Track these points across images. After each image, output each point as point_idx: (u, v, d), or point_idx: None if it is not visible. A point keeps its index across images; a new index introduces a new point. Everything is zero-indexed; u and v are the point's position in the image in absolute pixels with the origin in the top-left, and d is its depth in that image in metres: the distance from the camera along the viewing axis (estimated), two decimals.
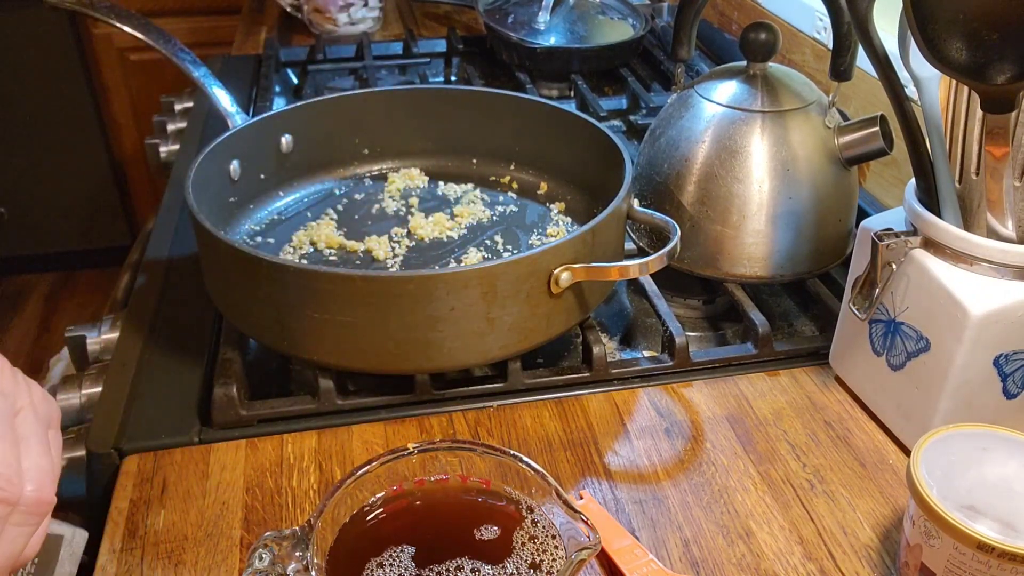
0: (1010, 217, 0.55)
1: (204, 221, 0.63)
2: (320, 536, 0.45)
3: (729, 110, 0.73)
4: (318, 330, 0.61)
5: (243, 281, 0.62)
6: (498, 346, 0.63)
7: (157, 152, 1.11)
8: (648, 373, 0.69)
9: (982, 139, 0.54)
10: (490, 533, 0.47)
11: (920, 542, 0.48)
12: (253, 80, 1.23)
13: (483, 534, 0.47)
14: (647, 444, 0.63)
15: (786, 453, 0.62)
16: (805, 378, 0.69)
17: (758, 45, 0.74)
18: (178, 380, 0.67)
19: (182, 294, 0.76)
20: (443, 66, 1.31)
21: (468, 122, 0.86)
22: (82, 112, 2.22)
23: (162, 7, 2.04)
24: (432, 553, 0.46)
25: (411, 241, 0.77)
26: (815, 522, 0.57)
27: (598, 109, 1.09)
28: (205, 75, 0.82)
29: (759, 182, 0.72)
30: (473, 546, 0.47)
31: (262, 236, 0.78)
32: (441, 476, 0.50)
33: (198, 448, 0.62)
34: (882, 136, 0.71)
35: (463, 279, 0.59)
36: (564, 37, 1.21)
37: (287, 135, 0.82)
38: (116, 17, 0.81)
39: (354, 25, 1.41)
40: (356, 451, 0.62)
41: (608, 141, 0.75)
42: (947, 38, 0.49)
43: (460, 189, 0.85)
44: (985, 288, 0.55)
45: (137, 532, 0.55)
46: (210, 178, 0.72)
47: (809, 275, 0.76)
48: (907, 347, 0.59)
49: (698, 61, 1.26)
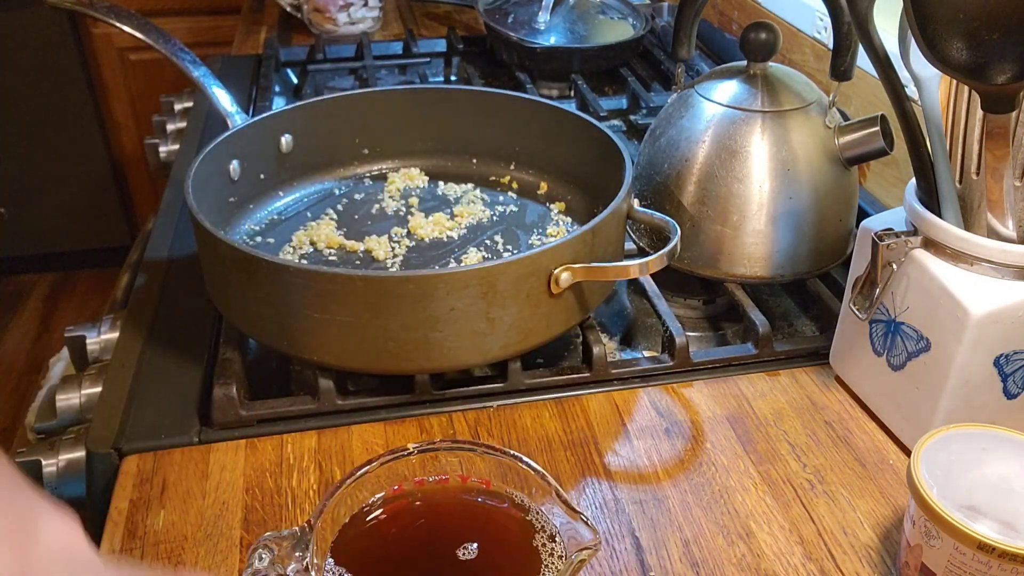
0: (1010, 217, 0.55)
1: (204, 221, 0.63)
2: (320, 536, 0.45)
3: (729, 110, 0.73)
4: (318, 330, 0.60)
5: (243, 281, 0.62)
6: (498, 346, 0.63)
7: (157, 152, 1.11)
8: (648, 373, 0.69)
9: (982, 139, 0.54)
10: (490, 533, 0.47)
11: (920, 542, 0.48)
12: (253, 80, 1.23)
13: (482, 534, 0.47)
14: (647, 444, 0.63)
15: (786, 453, 0.62)
16: (805, 378, 0.69)
17: (758, 45, 0.73)
18: (178, 380, 0.67)
19: (182, 294, 0.76)
20: (443, 66, 1.31)
21: (468, 122, 0.86)
22: (82, 112, 2.22)
23: (162, 7, 2.04)
24: (432, 553, 0.46)
25: (411, 241, 0.77)
26: (815, 522, 0.57)
27: (598, 109, 1.09)
28: (205, 75, 0.82)
29: (759, 182, 0.72)
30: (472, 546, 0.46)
31: (262, 236, 0.78)
32: (441, 476, 0.50)
33: (198, 448, 0.62)
34: (882, 136, 0.71)
35: (463, 279, 0.58)
36: (564, 37, 1.21)
37: (287, 135, 0.82)
38: (116, 17, 0.81)
39: (354, 25, 1.41)
40: (356, 451, 0.62)
41: (608, 141, 0.75)
42: (947, 38, 0.49)
43: (460, 189, 0.85)
44: (985, 288, 0.54)
45: (137, 532, 0.55)
46: (210, 178, 0.72)
47: (809, 275, 0.76)
48: (907, 347, 0.59)
49: (698, 61, 1.26)
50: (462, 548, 0.46)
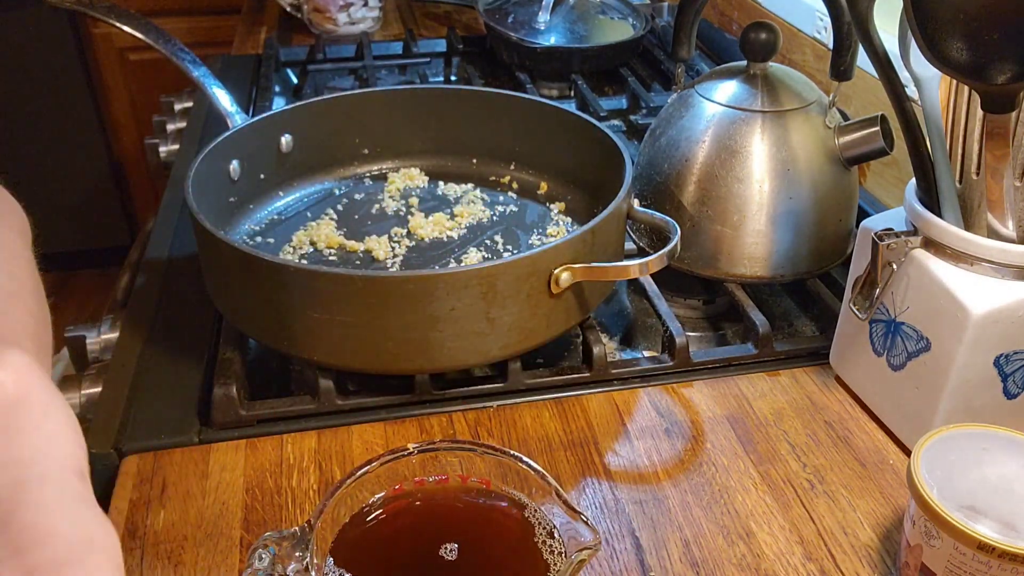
0: (1010, 217, 0.55)
1: (204, 221, 0.63)
2: (320, 536, 0.45)
3: (729, 110, 0.73)
4: (318, 330, 0.60)
5: (243, 281, 0.62)
6: (498, 346, 0.63)
7: (157, 152, 1.11)
8: (648, 373, 0.69)
9: (982, 139, 0.54)
10: (490, 533, 0.47)
11: (920, 542, 0.48)
12: (253, 80, 1.23)
13: (483, 534, 0.47)
14: (647, 444, 0.63)
15: (786, 453, 0.62)
16: (805, 378, 0.69)
17: (758, 45, 0.73)
18: (178, 380, 0.67)
19: (182, 294, 0.76)
20: (443, 66, 1.31)
21: (468, 122, 0.86)
22: (82, 112, 2.21)
23: (162, 7, 2.04)
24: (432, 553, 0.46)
25: (411, 241, 0.77)
26: (815, 522, 0.57)
27: (598, 109, 1.09)
28: (205, 75, 0.82)
29: (759, 182, 0.72)
30: (472, 546, 0.46)
31: (262, 236, 0.78)
32: (441, 476, 0.50)
33: (198, 448, 0.62)
34: (882, 136, 0.71)
35: (463, 279, 0.58)
36: (564, 37, 1.21)
37: (287, 135, 0.82)
38: (116, 17, 0.81)
39: (354, 25, 1.41)
40: (356, 451, 0.62)
41: (608, 141, 0.75)
42: (947, 38, 0.49)
43: (460, 189, 0.85)
44: (985, 288, 0.54)
45: (137, 532, 0.55)
46: (210, 178, 0.72)
47: (809, 275, 0.76)
48: (907, 347, 0.59)
49: (698, 61, 1.26)
50: (462, 548, 0.46)
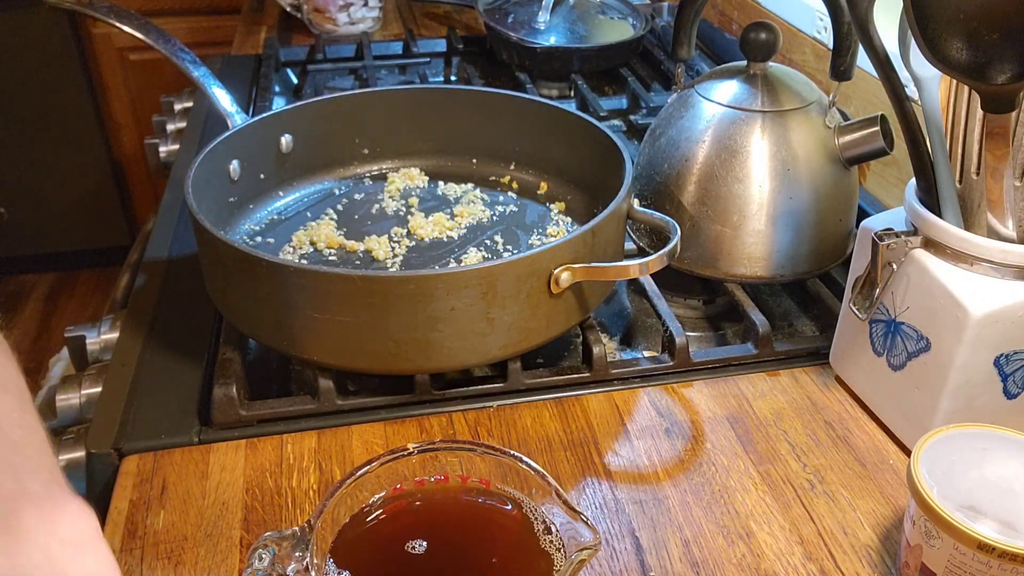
0: (1010, 217, 0.55)
1: (204, 221, 0.63)
2: (320, 536, 0.45)
3: (729, 110, 0.73)
4: (318, 330, 0.60)
5: (243, 281, 0.62)
6: (498, 346, 0.63)
7: (157, 152, 1.11)
8: (648, 373, 0.69)
9: (982, 139, 0.54)
10: (490, 533, 0.47)
11: (920, 542, 0.48)
12: (253, 80, 1.23)
13: (483, 534, 0.47)
14: (647, 444, 0.63)
15: (786, 453, 0.62)
16: (805, 378, 0.69)
17: (758, 45, 0.73)
18: (178, 380, 0.67)
19: (182, 294, 0.76)
20: (443, 66, 1.31)
21: (468, 122, 0.86)
22: (82, 112, 2.21)
23: (162, 7, 2.04)
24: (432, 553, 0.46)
25: (411, 241, 0.77)
26: (815, 522, 0.57)
27: (598, 109, 1.09)
28: (205, 75, 0.82)
29: (759, 182, 0.72)
30: (472, 546, 0.46)
31: (262, 236, 0.78)
32: (441, 476, 0.50)
33: (198, 448, 0.62)
34: (882, 136, 0.71)
35: (463, 279, 0.58)
36: (564, 37, 1.21)
37: (287, 135, 0.82)
38: (116, 17, 0.81)
39: (354, 25, 1.41)
40: (356, 451, 0.62)
41: (608, 141, 0.75)
42: (947, 38, 0.49)
43: (460, 189, 0.85)
44: (985, 288, 0.54)
45: (137, 532, 0.55)
46: (210, 178, 0.72)
47: (809, 275, 0.76)
48: (907, 347, 0.59)
49: (698, 61, 1.26)
50: (462, 549, 0.46)
